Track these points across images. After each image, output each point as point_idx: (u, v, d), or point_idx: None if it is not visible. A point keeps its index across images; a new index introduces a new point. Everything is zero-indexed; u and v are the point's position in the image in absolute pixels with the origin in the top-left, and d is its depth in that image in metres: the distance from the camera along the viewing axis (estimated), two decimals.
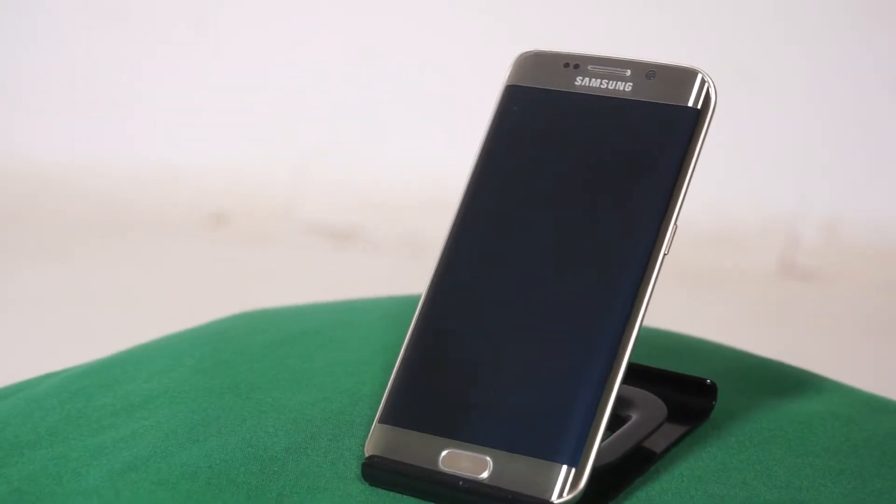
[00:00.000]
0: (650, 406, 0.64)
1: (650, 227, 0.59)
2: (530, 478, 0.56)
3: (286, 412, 0.65)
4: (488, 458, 0.57)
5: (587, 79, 0.62)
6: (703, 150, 0.60)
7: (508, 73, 0.64)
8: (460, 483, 0.57)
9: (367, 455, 0.59)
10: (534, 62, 0.63)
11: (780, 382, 0.72)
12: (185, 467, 0.60)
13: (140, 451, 0.62)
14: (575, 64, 0.62)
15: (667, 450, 0.63)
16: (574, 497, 0.56)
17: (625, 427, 0.62)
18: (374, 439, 0.59)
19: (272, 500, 0.58)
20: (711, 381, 0.66)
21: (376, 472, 0.58)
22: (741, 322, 1.62)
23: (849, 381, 0.75)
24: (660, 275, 0.58)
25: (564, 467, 0.56)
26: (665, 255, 0.58)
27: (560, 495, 0.56)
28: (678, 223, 0.59)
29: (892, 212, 1.88)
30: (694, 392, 0.66)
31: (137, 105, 1.97)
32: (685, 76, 0.60)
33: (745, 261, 1.79)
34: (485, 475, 0.57)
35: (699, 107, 0.60)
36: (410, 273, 1.78)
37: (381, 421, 0.59)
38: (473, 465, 0.57)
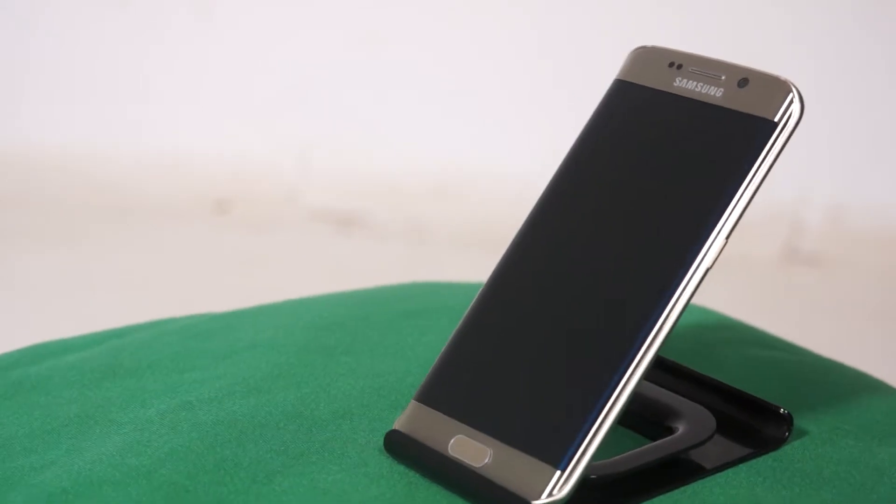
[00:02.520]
0: (695, 423, 0.61)
1: (700, 239, 0.57)
2: (521, 474, 0.56)
3: (360, 378, 0.66)
4: (490, 450, 0.57)
5: (685, 80, 0.61)
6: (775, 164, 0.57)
7: (621, 67, 0.63)
8: (455, 468, 0.57)
9: (393, 428, 0.60)
10: (644, 58, 0.62)
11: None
12: (229, 415, 0.62)
13: (203, 394, 0.64)
14: (679, 64, 0.61)
15: (712, 471, 0.60)
16: (557, 501, 0.55)
17: (661, 440, 0.60)
18: (405, 415, 0.60)
19: (291, 458, 0.59)
20: (787, 412, 0.63)
21: (393, 446, 0.60)
22: (746, 308, 1.63)
23: (853, 366, 0.72)
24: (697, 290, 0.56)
25: (556, 471, 0.55)
26: (709, 269, 0.57)
27: (544, 496, 0.55)
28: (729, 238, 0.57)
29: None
30: (765, 419, 0.63)
31: (140, 91, 1.97)
32: (775, 87, 0.58)
33: (749, 246, 1.78)
34: (481, 465, 0.57)
35: (780, 122, 0.58)
36: (414, 259, 1.78)
37: (416, 398, 0.60)
38: (475, 453, 0.57)
